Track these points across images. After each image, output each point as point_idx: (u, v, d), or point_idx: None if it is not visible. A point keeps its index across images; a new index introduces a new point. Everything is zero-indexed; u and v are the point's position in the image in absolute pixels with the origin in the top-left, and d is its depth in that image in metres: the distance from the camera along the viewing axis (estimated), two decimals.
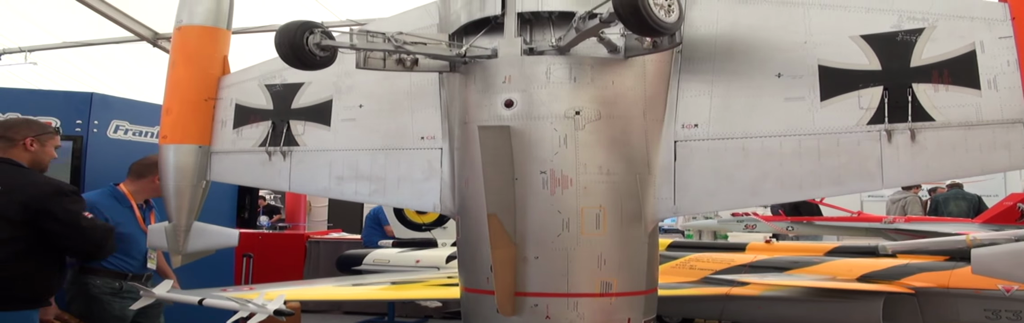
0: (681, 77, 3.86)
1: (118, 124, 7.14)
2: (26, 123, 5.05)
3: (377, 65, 3.94)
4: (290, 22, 3.76)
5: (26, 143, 4.82)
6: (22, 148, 4.80)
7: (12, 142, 4.78)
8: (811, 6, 3.64)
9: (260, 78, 4.77)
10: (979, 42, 3.34)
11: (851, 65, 3.53)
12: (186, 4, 4.87)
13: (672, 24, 3.24)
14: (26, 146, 4.82)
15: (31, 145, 4.84)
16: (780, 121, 3.60)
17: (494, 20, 3.88)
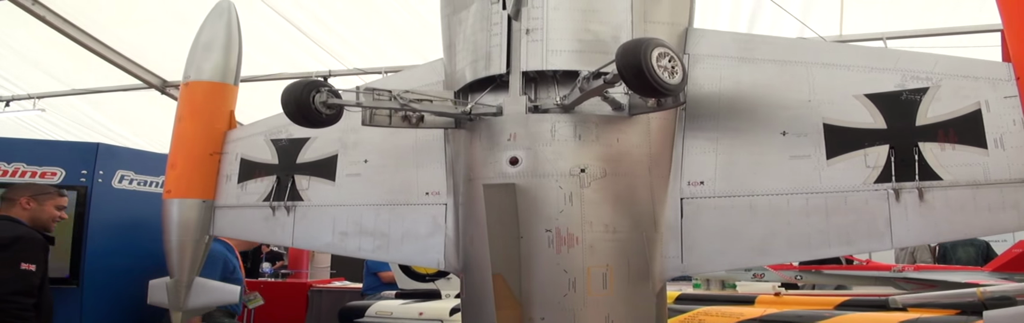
0: (686, 134, 3.86)
1: (123, 174, 7.14)
2: (26, 185, 5.51)
3: (383, 122, 3.95)
4: (296, 81, 3.79)
5: (22, 202, 5.24)
6: (20, 207, 5.24)
7: (12, 202, 5.24)
8: (813, 65, 3.67)
9: (266, 133, 4.79)
10: (984, 101, 3.36)
11: (856, 124, 3.54)
12: (194, 60, 4.93)
13: (676, 86, 3.26)
14: (22, 205, 5.25)
15: (27, 204, 5.27)
16: (786, 179, 3.59)
17: (499, 78, 3.91)
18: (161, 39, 11.21)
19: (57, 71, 12.82)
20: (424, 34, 10.20)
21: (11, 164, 6.93)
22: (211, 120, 4.82)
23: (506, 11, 3.88)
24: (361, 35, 10.79)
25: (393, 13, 10.22)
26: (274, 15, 10.44)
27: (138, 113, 13.58)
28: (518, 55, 3.82)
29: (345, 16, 10.39)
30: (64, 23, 11.28)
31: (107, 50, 11.83)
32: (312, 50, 11.16)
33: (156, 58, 12.05)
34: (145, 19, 10.93)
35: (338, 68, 11.46)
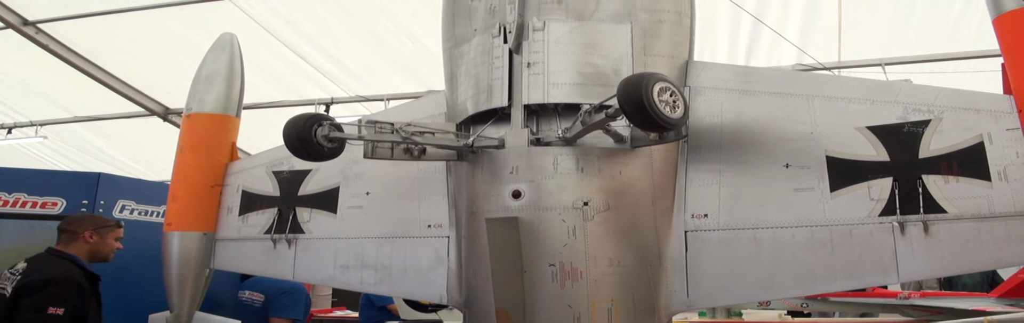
0: (689, 166, 3.86)
1: (124, 204, 7.11)
2: (88, 218, 5.27)
3: (385, 155, 3.95)
4: (298, 115, 3.80)
5: (86, 236, 5.02)
6: (82, 241, 5.03)
7: (73, 235, 5.03)
8: (815, 98, 3.68)
9: (268, 165, 4.79)
10: (987, 134, 3.36)
11: (859, 156, 3.53)
12: (196, 92, 4.95)
13: (677, 120, 3.27)
14: (86, 238, 5.03)
15: (90, 237, 5.06)
16: (791, 212, 3.57)
17: (501, 111, 3.91)
18: (163, 66, 11.28)
19: (59, 98, 12.86)
20: (425, 61, 10.27)
21: (12, 194, 6.91)
22: (213, 152, 4.82)
23: (507, 45, 3.91)
24: (363, 63, 10.85)
25: (395, 41, 10.28)
26: (276, 43, 10.51)
27: (140, 140, 13.60)
28: (519, 88, 3.84)
29: (347, 44, 10.46)
30: (66, 51, 11.35)
31: (109, 77, 11.89)
32: (314, 77, 11.21)
33: (158, 85, 12.10)
34: (147, 46, 11.01)
35: (340, 95, 11.50)
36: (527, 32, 3.90)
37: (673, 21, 4.02)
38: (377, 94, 11.22)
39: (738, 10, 8.60)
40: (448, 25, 4.41)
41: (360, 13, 9.86)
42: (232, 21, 10.11)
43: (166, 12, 10.24)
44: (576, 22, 3.93)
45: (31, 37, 11.06)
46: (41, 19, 10.89)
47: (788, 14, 9.17)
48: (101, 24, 10.69)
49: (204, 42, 9.71)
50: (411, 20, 9.84)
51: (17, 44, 11.22)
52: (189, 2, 9.99)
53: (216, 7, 10.01)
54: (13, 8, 10.75)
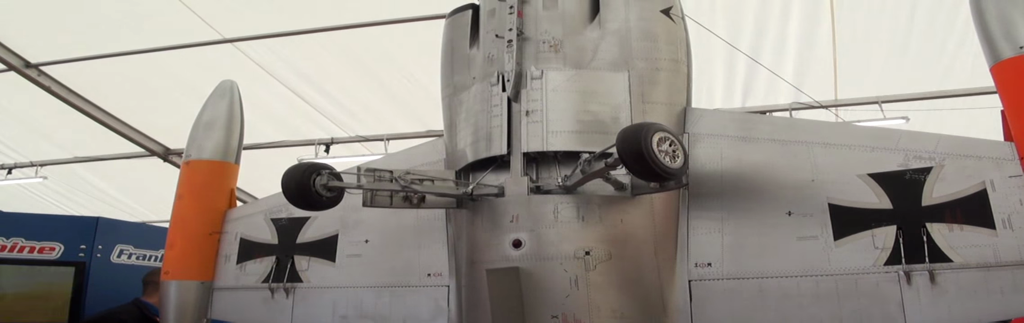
0: (690, 214, 3.82)
1: (122, 248, 7.06)
2: None
3: (384, 203, 3.92)
4: (297, 164, 3.78)
5: None
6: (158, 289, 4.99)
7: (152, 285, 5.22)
8: (815, 145, 3.66)
9: (266, 212, 4.75)
10: (989, 181, 3.33)
11: (862, 204, 3.50)
12: (196, 139, 4.93)
13: (677, 170, 3.24)
14: None
15: None
16: (795, 261, 3.53)
17: (500, 158, 3.89)
18: (164, 107, 11.31)
19: (60, 139, 12.87)
20: (425, 102, 10.29)
21: (10, 239, 6.86)
22: (211, 199, 4.79)
23: (506, 93, 3.91)
24: (363, 103, 10.88)
25: (394, 82, 10.33)
26: (277, 84, 10.56)
27: (140, 181, 13.56)
28: (519, 136, 3.82)
29: (347, 85, 10.51)
30: (68, 92, 11.39)
31: (110, 118, 11.92)
32: (314, 118, 11.24)
33: (159, 126, 12.12)
34: (148, 88, 11.05)
35: (340, 135, 11.51)
36: (525, 80, 3.91)
37: (670, 69, 4.03)
38: (377, 134, 11.23)
39: (734, 49, 8.65)
40: (447, 73, 4.42)
41: (360, 54, 9.93)
42: (233, 63, 10.19)
43: (168, 55, 10.30)
44: (574, 70, 3.94)
45: (33, 79, 11.11)
46: (44, 62, 10.95)
47: (783, 53, 9.24)
48: (103, 66, 10.75)
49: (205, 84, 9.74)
50: (411, 61, 9.90)
51: (19, 85, 11.27)
52: (191, 45, 10.06)
53: (218, 50, 10.08)
54: (16, 51, 10.82)
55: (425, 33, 9.25)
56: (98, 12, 9.84)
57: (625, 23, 4.04)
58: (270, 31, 9.71)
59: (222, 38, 9.91)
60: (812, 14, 8.77)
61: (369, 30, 9.51)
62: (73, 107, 11.58)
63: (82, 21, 10.02)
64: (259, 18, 9.54)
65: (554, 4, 4.08)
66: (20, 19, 10.08)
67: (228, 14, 9.55)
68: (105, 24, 10.01)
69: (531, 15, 4.07)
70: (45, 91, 11.28)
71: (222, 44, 9.99)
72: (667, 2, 4.17)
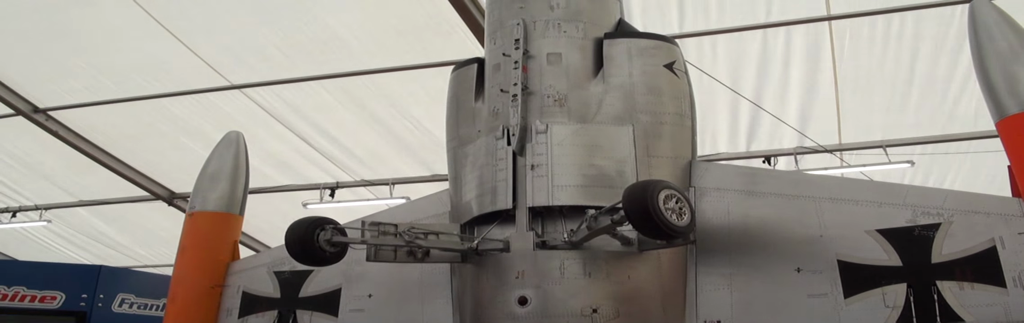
0: (698, 270, 3.78)
1: (124, 297, 7.01)
2: None
3: (388, 257, 3.88)
4: (301, 219, 3.76)
5: None
6: None
7: None
8: (822, 200, 3.65)
9: (269, 264, 4.72)
10: (998, 238, 3.30)
11: (871, 260, 3.46)
12: (200, 190, 4.93)
13: (684, 228, 3.22)
14: None
15: None
16: (806, 319, 3.47)
17: (506, 212, 3.87)
18: (170, 151, 11.38)
19: (65, 182, 12.90)
20: (429, 147, 10.36)
21: (11, 288, 6.82)
22: (214, 252, 4.76)
23: (511, 147, 3.91)
24: (368, 147, 10.94)
25: (398, 127, 10.41)
26: (283, 129, 10.63)
27: (144, 224, 13.54)
28: (524, 190, 3.81)
29: (352, 129, 10.57)
30: (74, 136, 11.46)
31: (116, 162, 11.96)
32: (320, 162, 11.28)
33: (164, 170, 12.16)
34: (155, 132, 11.13)
35: (345, 179, 11.52)
36: (530, 134, 3.92)
37: (674, 122, 4.05)
38: (382, 178, 11.25)
39: (737, 95, 8.71)
40: (452, 125, 4.44)
41: (365, 100, 10.02)
42: (240, 109, 10.29)
43: (175, 100, 10.41)
44: (578, 124, 3.96)
45: (40, 123, 11.20)
46: (51, 107, 11.05)
47: (786, 98, 9.30)
48: (110, 111, 10.85)
49: (211, 129, 9.85)
50: (416, 106, 9.99)
51: (26, 130, 11.36)
52: (199, 91, 10.17)
53: (225, 96, 10.19)
54: (25, 96, 10.93)
55: (430, 79, 9.39)
56: (107, 59, 9.99)
57: (629, 78, 4.07)
58: (277, 78, 9.82)
59: (230, 84, 10.02)
60: (813, 60, 8.86)
61: (375, 76, 9.63)
62: (79, 151, 11.64)
63: (91, 67, 10.16)
64: (266, 65, 9.66)
65: (558, 59, 4.12)
66: (29, 64, 10.23)
67: (236, 61, 9.68)
68: (113, 70, 10.15)
69: (535, 70, 4.11)
70: (52, 135, 11.36)
71: (230, 90, 10.10)
72: (670, 57, 4.21)
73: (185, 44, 9.58)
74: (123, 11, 9.14)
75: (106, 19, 9.36)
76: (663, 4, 8.32)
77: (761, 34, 8.60)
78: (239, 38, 9.41)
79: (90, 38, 9.69)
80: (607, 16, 4.39)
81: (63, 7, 9.24)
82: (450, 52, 9.06)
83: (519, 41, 4.14)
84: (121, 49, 9.85)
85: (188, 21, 9.31)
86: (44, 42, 9.81)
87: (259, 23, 9.17)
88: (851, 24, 8.44)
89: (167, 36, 9.48)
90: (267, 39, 9.35)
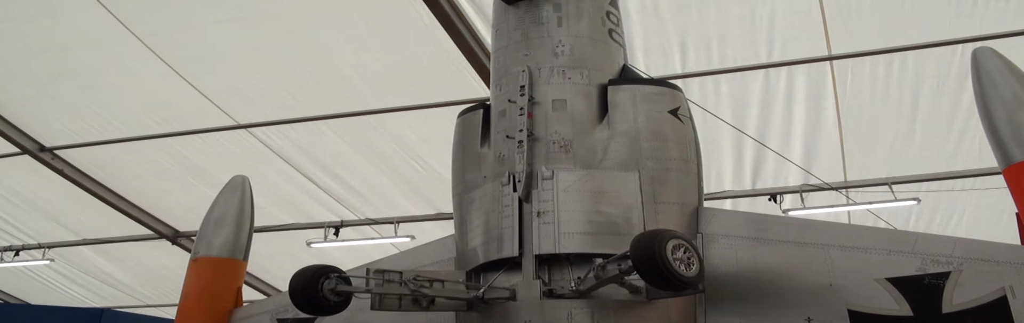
0: (708, 319, 3.73)
1: None
2: None
3: (393, 306, 3.83)
4: (304, 268, 3.73)
5: None
6: None
7: None
8: (831, 247, 3.62)
9: (272, 312, 4.67)
10: (1009, 287, 3.26)
11: (882, 310, 3.42)
12: (205, 236, 4.92)
13: (693, 278, 3.19)
14: None
15: None
16: None
17: (512, 259, 3.84)
18: (175, 190, 11.40)
19: (68, 220, 12.89)
20: (434, 184, 10.37)
21: None
22: (217, 299, 4.73)
23: (517, 193, 3.91)
24: (373, 186, 10.94)
25: (404, 165, 10.43)
26: (288, 168, 10.66)
27: (147, 263, 13.49)
28: (530, 238, 3.79)
29: (357, 168, 10.60)
30: (80, 175, 11.50)
31: (120, 200, 11.97)
32: (325, 201, 11.28)
33: (169, 208, 12.16)
34: (160, 171, 11.16)
35: (350, 218, 11.50)
36: (536, 181, 3.92)
37: (680, 168, 4.05)
38: (387, 217, 11.23)
39: (741, 133, 8.73)
40: (458, 171, 4.44)
41: (371, 139, 10.06)
42: (246, 148, 10.34)
43: (182, 139, 10.46)
44: (584, 170, 3.96)
45: (46, 162, 11.25)
46: (59, 146, 11.11)
47: (790, 136, 9.32)
48: (116, 150, 10.91)
49: (217, 168, 9.86)
50: (421, 145, 10.04)
51: (31, 168, 11.41)
52: (205, 130, 10.23)
53: (232, 135, 10.25)
54: (31, 135, 11.00)
55: (436, 119, 9.45)
56: (115, 98, 10.09)
57: (634, 124, 4.09)
58: (283, 117, 9.89)
59: (236, 124, 10.08)
60: (816, 99, 8.91)
61: (380, 116, 9.69)
62: (84, 189, 11.67)
63: (98, 106, 10.25)
64: (273, 105, 9.74)
65: (563, 105, 4.15)
66: (36, 104, 10.33)
67: (243, 101, 9.76)
68: (121, 110, 10.25)
69: (541, 116, 4.13)
70: (58, 174, 11.39)
71: (236, 130, 10.16)
72: (674, 102, 4.23)
73: (192, 84, 9.68)
74: (132, 52, 9.27)
75: (115, 59, 9.49)
76: (665, 45, 8.41)
77: (763, 74, 8.67)
78: (246, 79, 9.51)
79: (98, 78, 9.80)
80: (611, 62, 4.43)
81: (71, 47, 9.36)
82: (456, 92, 9.14)
83: (524, 88, 4.17)
84: (129, 89, 9.95)
85: (196, 62, 9.42)
86: (52, 82, 9.92)
87: (267, 64, 9.28)
88: (852, 64, 8.51)
89: (175, 76, 9.59)
90: (274, 80, 9.45)
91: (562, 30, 4.39)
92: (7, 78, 9.93)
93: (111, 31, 9.00)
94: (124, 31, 9.04)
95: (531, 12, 4.46)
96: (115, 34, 9.04)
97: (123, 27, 9.00)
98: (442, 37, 8.40)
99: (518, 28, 4.46)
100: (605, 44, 4.46)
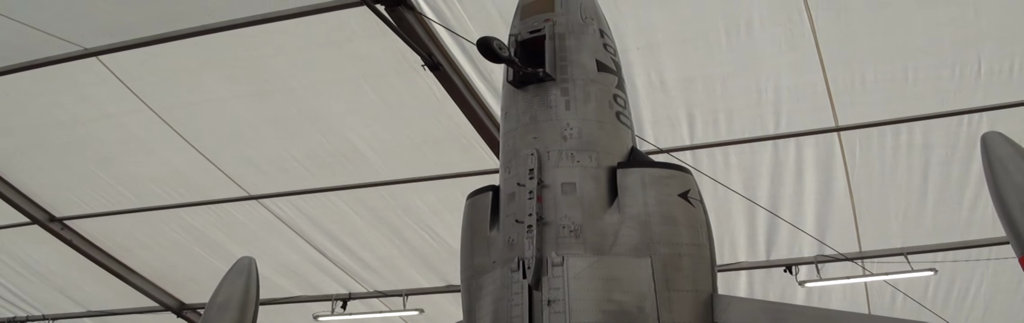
0: None
1: None
2: None
3: None
4: None
5: None
6: None
7: None
8: None
9: None
10: None
11: None
12: (208, 320, 4.81)
13: None
14: None
15: None
16: None
17: None
18: (182, 261, 11.33)
19: (73, 291, 12.77)
20: (444, 256, 10.28)
21: None
22: None
23: (526, 280, 3.83)
24: (382, 257, 10.85)
25: (414, 236, 10.37)
26: (296, 238, 10.61)
27: None
28: None
29: (366, 239, 10.54)
30: (88, 245, 11.47)
31: (128, 272, 11.88)
32: (333, 272, 11.16)
33: (176, 280, 12.04)
34: (168, 242, 11.13)
35: (358, 290, 11.34)
36: (546, 267, 3.85)
37: (693, 254, 3.98)
38: (396, 289, 11.08)
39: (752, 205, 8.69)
40: (466, 254, 4.38)
41: (382, 210, 10.05)
42: (256, 219, 10.34)
43: (192, 210, 10.48)
44: (595, 257, 3.89)
45: (55, 232, 11.25)
46: (68, 216, 11.12)
47: (803, 207, 9.25)
48: (126, 220, 10.93)
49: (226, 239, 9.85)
50: (432, 216, 10.02)
51: (40, 238, 11.41)
52: (216, 201, 10.25)
53: (242, 206, 10.26)
54: (42, 205, 11.04)
55: (447, 190, 9.47)
56: (126, 169, 10.18)
57: (644, 207, 4.05)
58: (294, 189, 9.92)
59: (247, 195, 10.11)
60: (826, 169, 8.89)
61: (391, 187, 9.70)
62: (92, 260, 11.62)
63: (110, 177, 10.34)
64: (284, 176, 9.79)
65: (573, 189, 4.12)
66: (48, 174, 10.42)
67: (255, 172, 9.82)
68: (132, 180, 10.32)
69: (550, 199, 4.10)
70: (66, 244, 11.36)
71: (247, 201, 10.17)
72: (684, 186, 4.20)
73: (206, 156, 9.77)
74: (145, 123, 9.41)
75: (128, 131, 9.62)
76: (673, 118, 8.48)
77: (772, 145, 8.70)
78: (259, 150, 9.61)
79: (111, 149, 9.94)
80: (620, 145, 4.43)
81: (87, 121, 9.52)
82: (467, 164, 9.19)
83: (533, 171, 4.16)
84: (141, 160, 10.06)
85: (210, 134, 9.54)
86: (65, 153, 10.04)
87: (278, 136, 9.39)
88: (860, 134, 8.54)
89: (188, 149, 9.69)
90: (287, 151, 9.54)
91: (570, 113, 4.41)
92: (21, 149, 10.07)
93: (127, 105, 9.17)
94: (140, 105, 9.20)
95: (540, 95, 4.50)
96: (131, 108, 9.21)
97: (139, 101, 9.17)
98: (453, 110, 8.51)
99: (527, 111, 4.49)
100: (613, 126, 4.48)
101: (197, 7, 7.75)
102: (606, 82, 4.62)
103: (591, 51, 4.68)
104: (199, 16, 7.88)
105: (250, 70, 8.64)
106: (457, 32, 7.62)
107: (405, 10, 7.36)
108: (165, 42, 8.28)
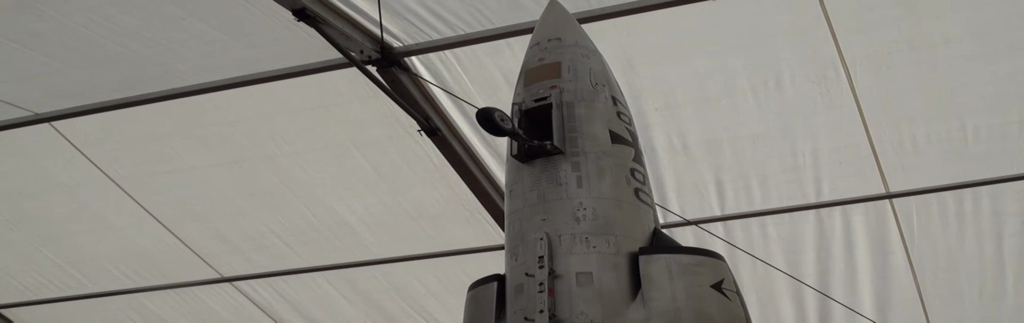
0: None
1: None
2: None
3: None
4: None
5: None
6: None
7: None
8: None
9: None
10: None
11: None
12: None
13: None
14: None
15: None
16: None
17: None
18: None
19: None
20: None
21: None
22: None
23: None
24: None
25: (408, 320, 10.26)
26: None
27: None
28: None
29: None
30: None
31: None
32: None
33: None
34: None
35: None
36: None
37: None
38: None
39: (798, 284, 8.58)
40: None
41: (373, 293, 10.00)
42: (227, 304, 10.27)
43: (154, 295, 10.43)
44: None
45: None
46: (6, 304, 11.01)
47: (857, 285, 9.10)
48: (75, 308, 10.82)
49: None
50: (429, 299, 9.94)
51: None
52: (183, 285, 10.20)
53: (213, 289, 10.21)
54: None
55: (447, 268, 9.41)
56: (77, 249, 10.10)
57: (672, 302, 4.01)
58: (273, 269, 9.88)
59: (219, 277, 10.06)
60: (880, 241, 8.79)
61: (384, 266, 9.66)
62: None
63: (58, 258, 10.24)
64: (262, 255, 9.77)
65: (589, 279, 4.09)
66: None
67: (228, 250, 9.80)
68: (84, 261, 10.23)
69: (564, 292, 4.06)
70: None
71: (218, 283, 10.12)
72: (717, 275, 4.16)
73: (171, 231, 9.75)
74: (102, 195, 9.39)
75: (82, 203, 9.60)
76: (700, 185, 8.47)
77: (814, 214, 8.65)
78: (234, 225, 9.59)
79: (61, 225, 9.89)
80: (641, 227, 4.43)
81: (33, 193, 9.50)
82: (470, 239, 9.16)
83: (543, 259, 4.14)
84: (97, 237, 10.00)
85: (177, 207, 9.55)
86: (9, 230, 9.98)
87: (256, 210, 9.40)
88: (916, 202, 8.48)
89: (152, 223, 9.67)
90: (265, 226, 9.53)
91: (583, 191, 4.42)
92: None
93: (82, 174, 9.18)
94: (98, 174, 9.22)
95: (548, 171, 4.53)
96: (87, 177, 9.22)
97: (97, 169, 9.20)
98: (454, 179, 8.55)
99: (534, 189, 4.51)
100: (632, 206, 4.48)
101: (168, 70, 7.90)
102: (622, 155, 4.66)
103: (603, 121, 4.74)
104: (170, 80, 8.04)
105: (225, 136, 8.73)
106: (456, 94, 7.73)
107: (399, 71, 7.50)
108: (129, 106, 8.40)
